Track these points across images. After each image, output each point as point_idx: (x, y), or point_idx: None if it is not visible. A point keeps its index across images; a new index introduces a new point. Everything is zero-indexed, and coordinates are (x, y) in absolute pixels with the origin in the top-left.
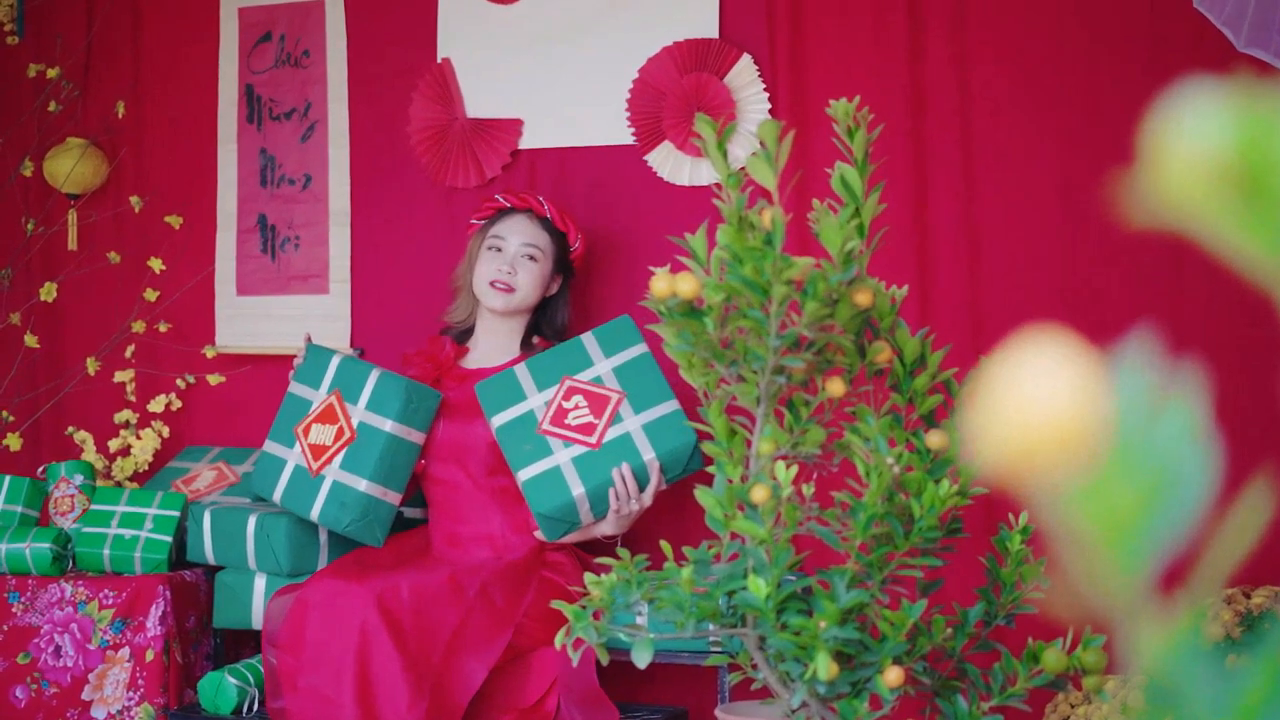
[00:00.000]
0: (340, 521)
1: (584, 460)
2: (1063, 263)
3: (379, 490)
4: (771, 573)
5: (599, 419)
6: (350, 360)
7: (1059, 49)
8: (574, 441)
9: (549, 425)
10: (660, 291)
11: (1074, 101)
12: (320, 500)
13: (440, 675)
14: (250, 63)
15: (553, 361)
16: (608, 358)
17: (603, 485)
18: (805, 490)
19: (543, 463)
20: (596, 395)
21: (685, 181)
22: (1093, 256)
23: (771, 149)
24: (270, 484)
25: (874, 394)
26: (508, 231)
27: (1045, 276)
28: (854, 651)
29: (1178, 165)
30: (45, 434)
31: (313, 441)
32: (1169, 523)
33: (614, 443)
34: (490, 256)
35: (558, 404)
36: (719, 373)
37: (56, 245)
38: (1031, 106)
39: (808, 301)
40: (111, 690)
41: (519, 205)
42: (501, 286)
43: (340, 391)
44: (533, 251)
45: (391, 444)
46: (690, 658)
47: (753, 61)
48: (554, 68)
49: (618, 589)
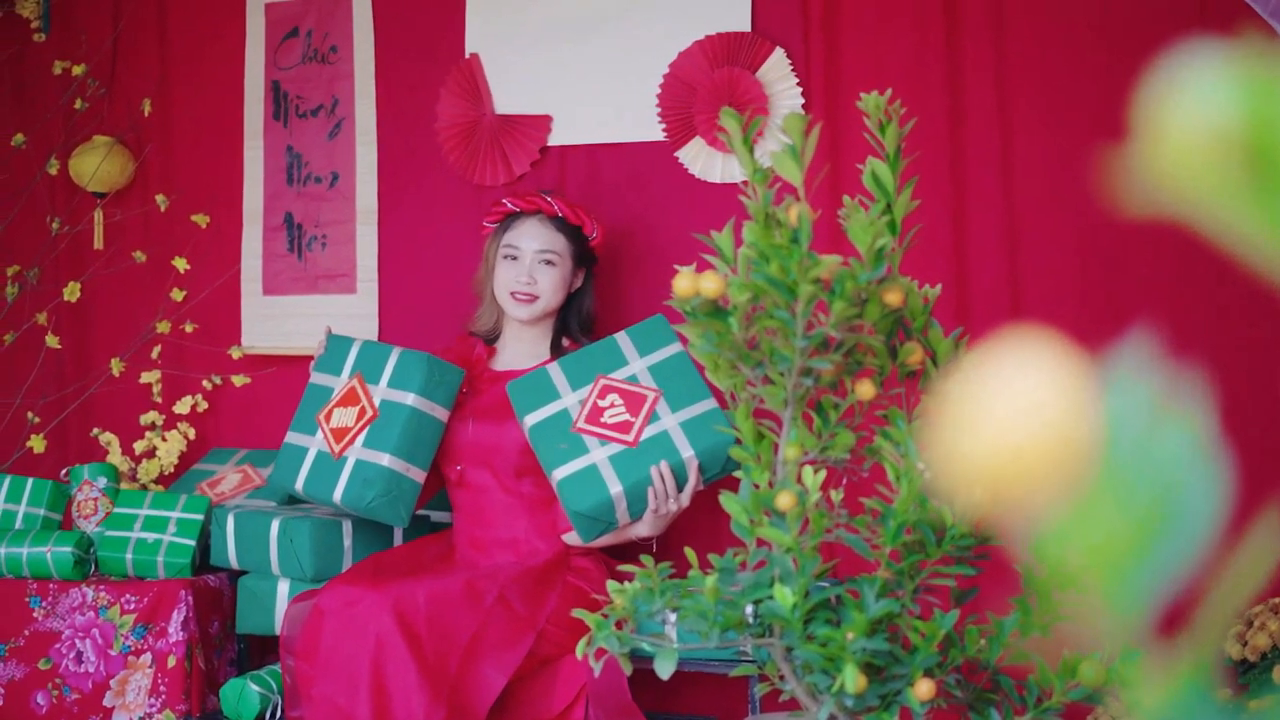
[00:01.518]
0: (363, 499)
1: (621, 458)
2: (1107, 260)
3: (402, 465)
4: (798, 581)
5: (636, 417)
6: (371, 343)
7: (1100, 42)
8: (610, 440)
9: (584, 424)
10: (683, 291)
11: (1117, 96)
12: (343, 481)
13: (458, 683)
14: (277, 59)
15: (586, 360)
16: (643, 357)
17: (640, 483)
18: (834, 496)
19: (578, 461)
20: (633, 393)
21: (717, 178)
22: (1138, 252)
23: (797, 144)
24: (292, 474)
25: (905, 396)
26: (520, 238)
27: (1088, 274)
28: (884, 663)
29: (1176, 139)
30: (71, 436)
31: (334, 425)
32: (1169, 554)
33: (652, 440)
34: (507, 265)
35: (593, 402)
36: (745, 375)
37: (82, 244)
38: (1073, 101)
39: (835, 301)
40: (133, 697)
41: (527, 208)
42: (523, 297)
43: (361, 374)
44: (549, 256)
45: (414, 418)
46: (720, 666)
47: (785, 55)
48: (583, 63)
49: (641, 597)
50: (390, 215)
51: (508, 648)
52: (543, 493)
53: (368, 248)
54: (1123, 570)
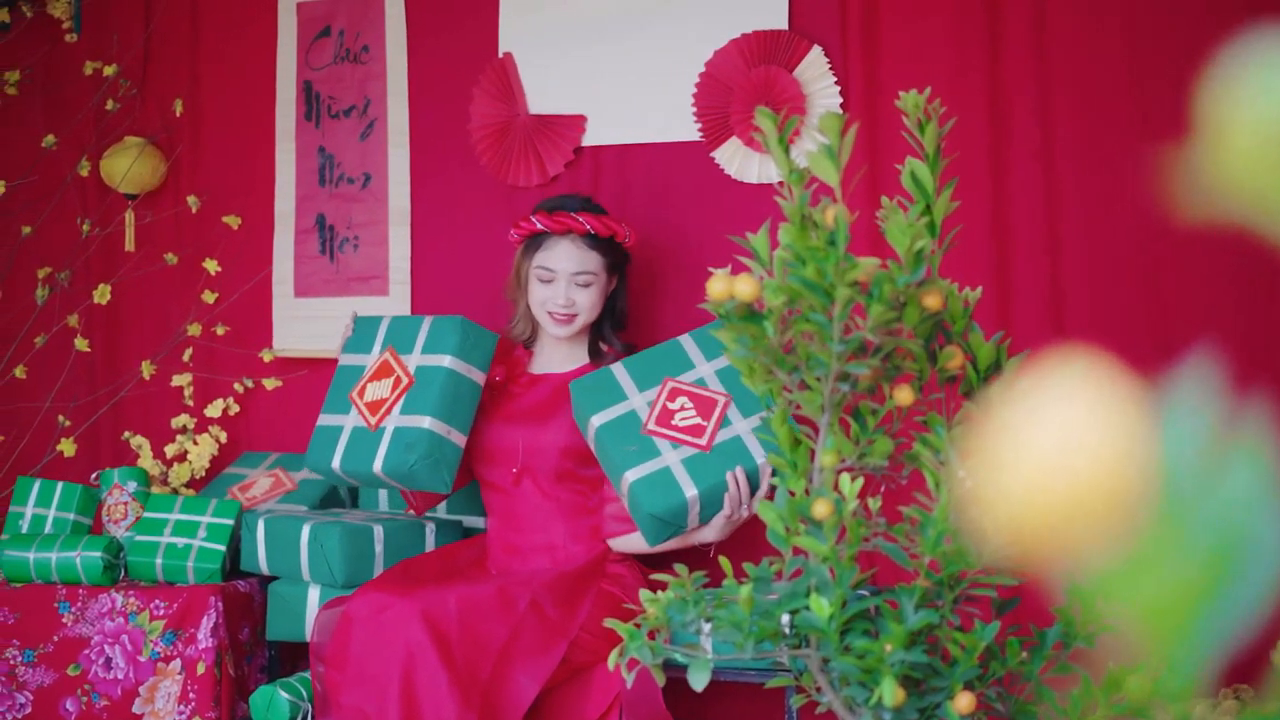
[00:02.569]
0: (405, 463)
1: (694, 462)
2: (1158, 267)
3: (443, 428)
4: (835, 592)
5: (708, 421)
6: (400, 317)
7: (1148, 38)
8: (682, 443)
9: (654, 426)
10: (718, 294)
11: (1166, 94)
12: (382, 450)
13: (489, 691)
14: (309, 59)
15: (652, 362)
16: (709, 361)
17: (715, 488)
18: (871, 504)
19: (651, 464)
20: (702, 397)
21: (754, 179)
22: (1195, 260)
23: (834, 143)
24: (327, 454)
25: (945, 402)
26: (554, 261)
27: (1136, 281)
28: (922, 676)
29: (1238, 139)
30: (102, 439)
31: (369, 400)
32: (1234, 605)
33: (724, 445)
34: (543, 286)
35: (662, 405)
36: (781, 380)
37: (113, 246)
38: (1119, 100)
39: (873, 304)
40: (163, 704)
41: (558, 229)
42: (561, 318)
43: (393, 346)
44: (585, 279)
45: (452, 379)
46: (756, 676)
47: (823, 54)
48: (618, 62)
49: (674, 607)
50: (423, 216)
51: (540, 655)
52: (580, 498)
53: (400, 249)
54: (1183, 625)
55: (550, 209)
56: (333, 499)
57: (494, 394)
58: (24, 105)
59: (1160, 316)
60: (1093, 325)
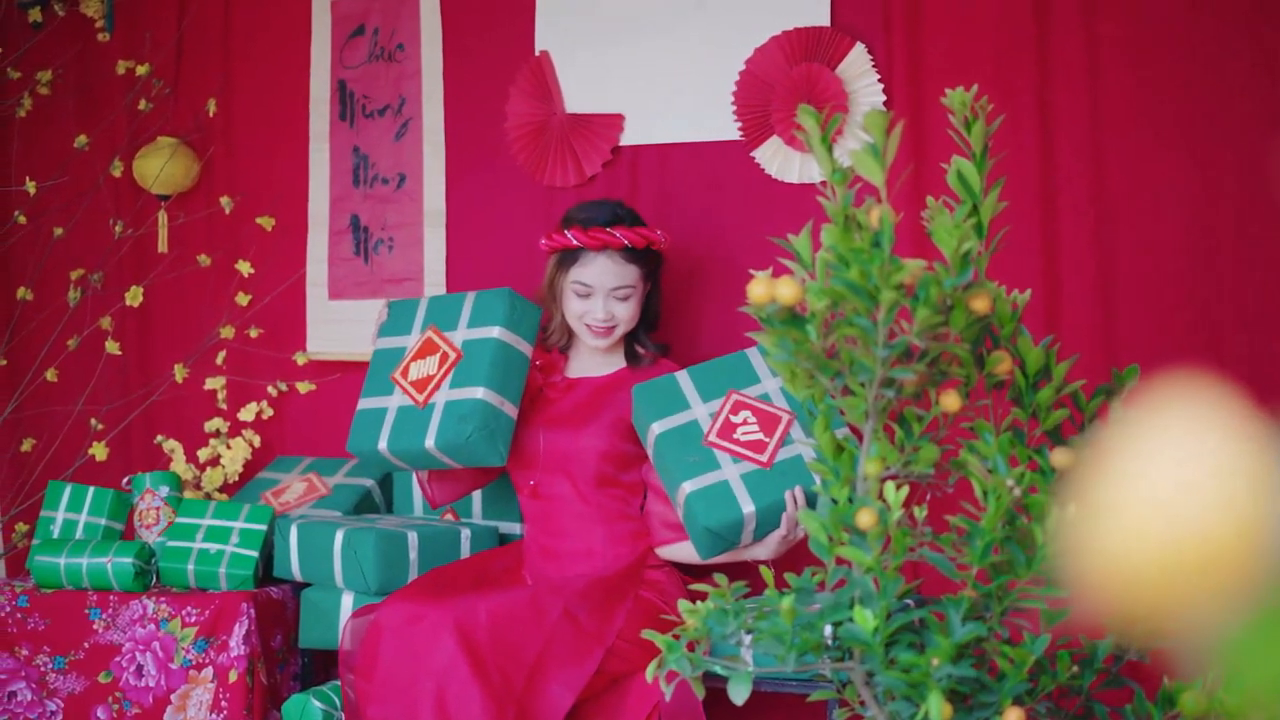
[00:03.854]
0: (461, 434)
1: (754, 478)
2: (1204, 264)
3: (496, 398)
4: (880, 603)
5: (770, 437)
6: (439, 296)
7: (1205, 33)
8: (743, 458)
9: (716, 438)
10: (758, 297)
11: (1211, 92)
12: (434, 425)
13: (523, 703)
14: (343, 58)
15: (717, 373)
16: (775, 376)
17: (773, 506)
18: (917, 513)
19: (710, 476)
20: (766, 413)
21: (795, 179)
22: (1236, 257)
23: (879, 142)
24: (372, 437)
25: (993, 408)
26: (591, 277)
27: (1182, 280)
28: (970, 690)
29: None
30: (135, 443)
31: (414, 378)
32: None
33: (785, 464)
34: (579, 300)
35: (725, 417)
36: (823, 385)
37: (146, 248)
38: (1168, 99)
39: (919, 308)
40: (194, 712)
41: (594, 247)
42: (600, 331)
43: (435, 325)
44: (624, 292)
45: (502, 350)
46: (798, 687)
47: (866, 51)
48: (657, 60)
49: (714, 618)
50: (458, 217)
51: (575, 664)
52: (620, 503)
53: (435, 250)
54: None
55: (585, 223)
56: (367, 505)
57: (530, 398)
58: (56, 105)
59: (1214, 320)
60: (1148, 331)
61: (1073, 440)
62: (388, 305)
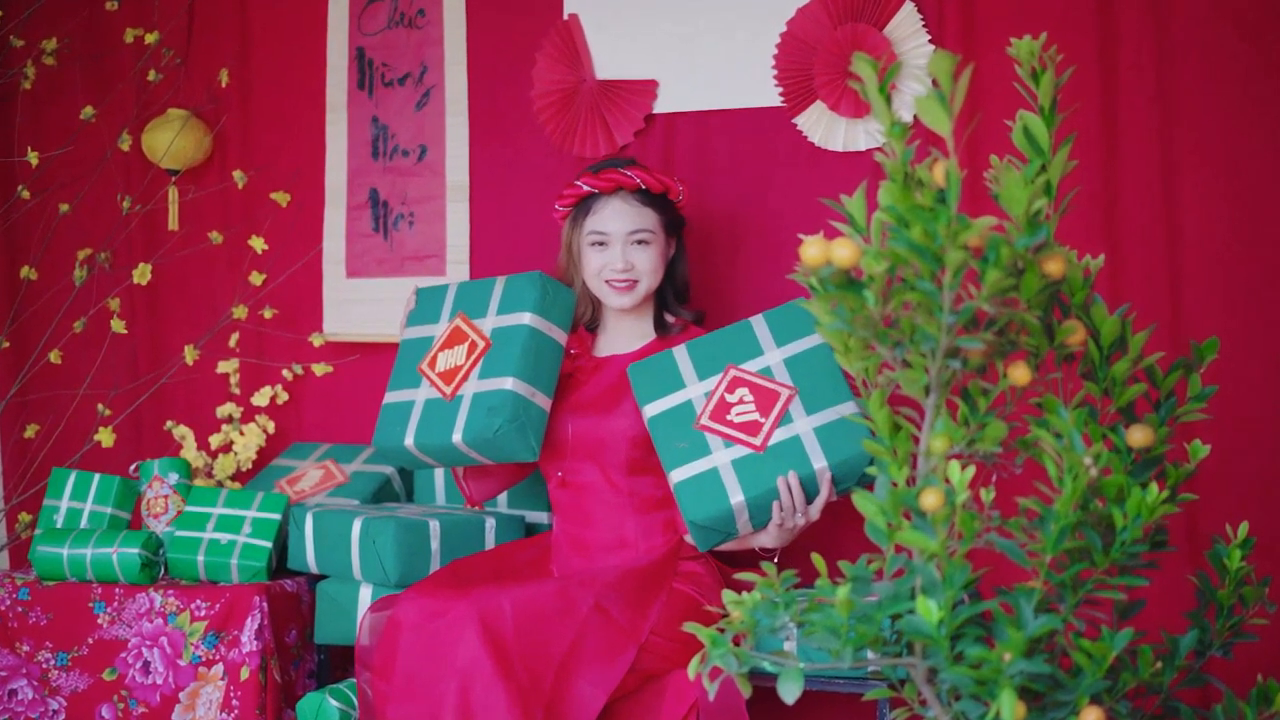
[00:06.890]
0: (490, 428)
1: (745, 464)
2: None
3: (526, 389)
4: (944, 593)
5: (765, 418)
6: (468, 281)
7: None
8: (735, 441)
9: (708, 420)
10: (813, 260)
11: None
12: (461, 418)
13: (552, 703)
14: (361, 24)
15: (717, 345)
16: (780, 346)
17: (765, 494)
18: (984, 495)
19: (699, 463)
20: (764, 389)
21: (839, 146)
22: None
23: (946, 88)
24: (399, 431)
25: (1063, 382)
26: (606, 223)
27: (1255, 241)
28: (1044, 688)
29: None
30: (144, 429)
31: (441, 370)
32: None
33: (780, 446)
34: (597, 252)
35: (720, 396)
36: (881, 356)
37: (156, 225)
38: (1238, 53)
39: (989, 270)
40: (204, 711)
41: (606, 188)
42: (621, 285)
43: (464, 312)
44: (642, 235)
45: (533, 338)
46: (848, 685)
47: (916, 9)
48: (692, 22)
49: (761, 610)
50: (482, 191)
51: (607, 661)
52: (653, 490)
53: (459, 226)
54: None
55: (595, 169)
56: (386, 493)
57: (560, 381)
58: (62, 76)
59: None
60: (1217, 300)
61: (1149, 418)
62: (415, 293)
